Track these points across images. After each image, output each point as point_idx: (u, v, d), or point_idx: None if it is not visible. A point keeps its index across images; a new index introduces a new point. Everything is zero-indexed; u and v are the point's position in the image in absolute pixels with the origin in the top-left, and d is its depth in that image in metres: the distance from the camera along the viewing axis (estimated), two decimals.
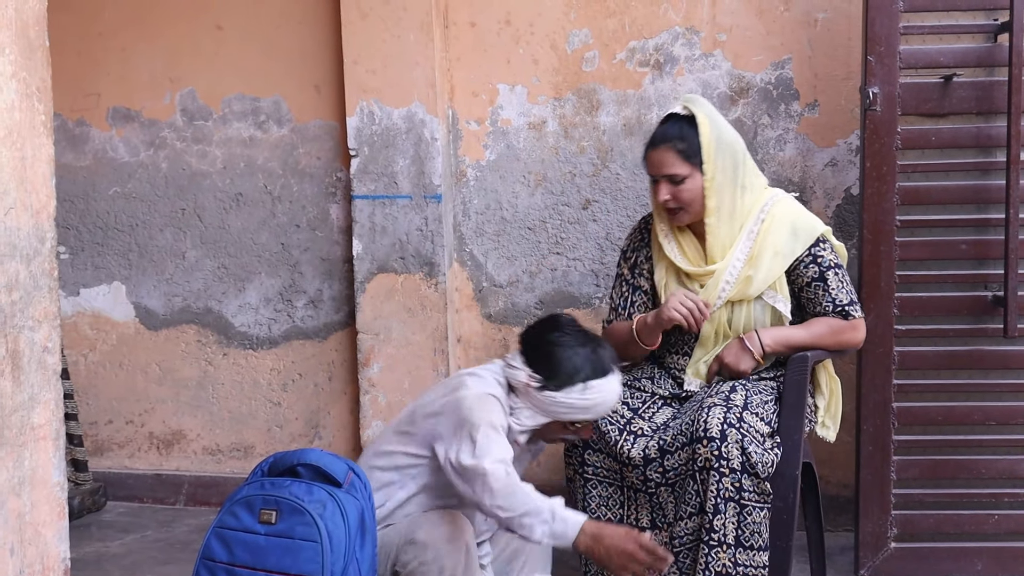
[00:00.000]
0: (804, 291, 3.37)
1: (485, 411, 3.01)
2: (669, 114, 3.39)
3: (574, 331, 3.13)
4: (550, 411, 3.08)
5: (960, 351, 3.72)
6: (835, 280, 3.36)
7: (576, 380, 3.04)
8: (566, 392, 3.05)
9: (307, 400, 4.66)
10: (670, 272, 3.44)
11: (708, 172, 3.29)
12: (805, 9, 4.12)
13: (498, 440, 2.99)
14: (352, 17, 4.30)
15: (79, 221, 4.75)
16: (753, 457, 3.08)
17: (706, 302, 3.29)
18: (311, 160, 4.55)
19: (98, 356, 4.81)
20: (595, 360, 3.07)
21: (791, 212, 3.39)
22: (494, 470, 2.91)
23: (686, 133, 3.30)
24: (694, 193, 3.31)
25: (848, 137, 4.11)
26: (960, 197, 3.71)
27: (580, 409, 3.07)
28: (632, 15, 4.24)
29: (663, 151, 3.32)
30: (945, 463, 3.74)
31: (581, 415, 3.09)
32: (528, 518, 2.90)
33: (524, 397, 3.09)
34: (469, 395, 3.04)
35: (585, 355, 3.06)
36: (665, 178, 3.32)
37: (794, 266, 3.36)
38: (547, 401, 3.06)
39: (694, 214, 3.35)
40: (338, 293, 4.57)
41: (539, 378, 3.06)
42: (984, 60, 3.67)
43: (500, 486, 2.90)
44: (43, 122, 2.15)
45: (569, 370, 3.05)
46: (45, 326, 2.15)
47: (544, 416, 3.09)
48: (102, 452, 4.84)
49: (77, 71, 4.64)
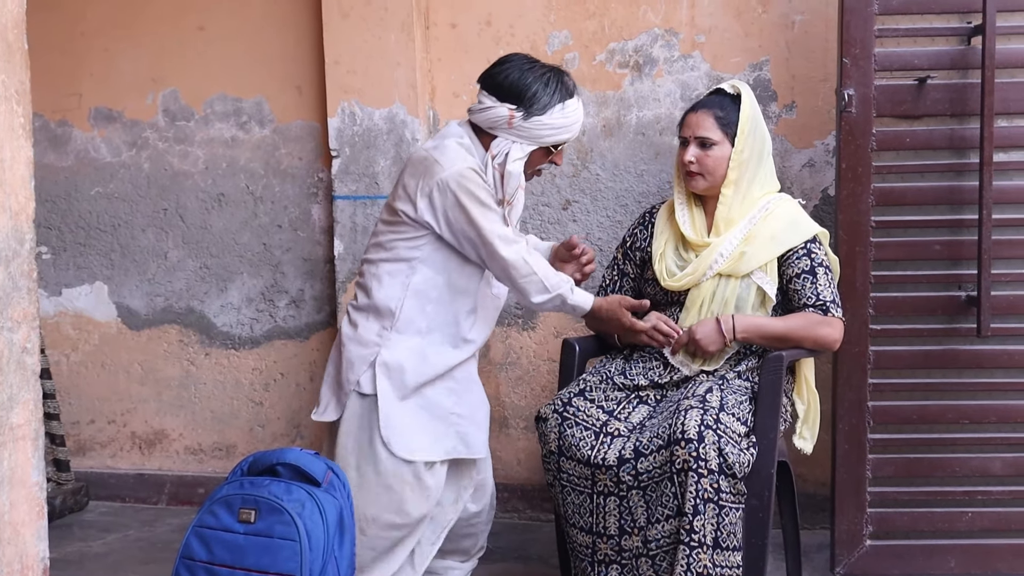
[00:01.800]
0: (792, 282, 3.43)
1: (468, 184, 3.23)
2: (716, 88, 3.59)
3: (532, 61, 3.36)
4: (536, 137, 3.32)
5: (934, 350, 3.76)
6: (823, 277, 3.42)
7: (555, 101, 3.29)
8: (549, 114, 3.29)
9: (289, 400, 4.68)
10: (669, 242, 3.56)
11: (739, 145, 3.46)
12: (782, 11, 4.15)
13: (495, 218, 3.25)
14: (333, 18, 4.32)
15: (61, 221, 4.76)
16: (730, 458, 3.11)
17: (678, 329, 3.42)
18: (293, 160, 4.57)
19: (80, 356, 4.82)
20: (562, 82, 3.33)
21: (793, 210, 3.52)
22: (513, 259, 3.25)
23: (727, 106, 3.50)
24: (718, 161, 3.47)
25: (825, 138, 4.15)
26: (934, 198, 3.75)
27: (562, 128, 3.33)
28: (611, 17, 4.27)
29: (703, 114, 3.51)
30: (920, 461, 3.78)
31: (564, 134, 3.34)
32: (544, 304, 3.34)
33: (508, 132, 3.31)
34: (447, 177, 3.23)
35: (552, 78, 3.32)
36: (697, 140, 3.49)
37: (787, 255, 3.45)
38: (535, 126, 3.30)
39: (711, 183, 3.50)
40: (320, 293, 4.59)
41: (520, 108, 3.28)
42: (958, 63, 3.71)
43: (523, 281, 3.27)
44: (22, 124, 2.16)
45: (547, 93, 3.29)
46: (24, 327, 2.17)
47: (531, 144, 3.33)
48: (84, 452, 4.85)
49: (59, 71, 4.65)
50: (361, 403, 3.30)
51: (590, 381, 3.47)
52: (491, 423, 3.50)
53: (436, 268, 3.31)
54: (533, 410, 4.26)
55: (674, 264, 3.52)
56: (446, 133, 3.39)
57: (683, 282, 3.46)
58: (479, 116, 3.33)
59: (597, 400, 3.40)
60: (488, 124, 3.32)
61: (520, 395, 4.45)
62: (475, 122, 3.36)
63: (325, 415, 3.38)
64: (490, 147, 3.32)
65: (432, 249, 3.30)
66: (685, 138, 3.53)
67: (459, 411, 3.36)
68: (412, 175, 3.29)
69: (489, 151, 3.32)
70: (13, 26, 2.12)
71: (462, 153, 3.29)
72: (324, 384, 3.43)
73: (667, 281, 3.50)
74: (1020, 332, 3.74)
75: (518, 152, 3.31)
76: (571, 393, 3.42)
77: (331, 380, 3.40)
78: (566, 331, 4.29)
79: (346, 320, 3.41)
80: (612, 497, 3.26)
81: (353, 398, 3.30)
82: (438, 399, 3.33)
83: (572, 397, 3.40)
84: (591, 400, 3.40)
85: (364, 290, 3.38)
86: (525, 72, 3.30)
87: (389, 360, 3.28)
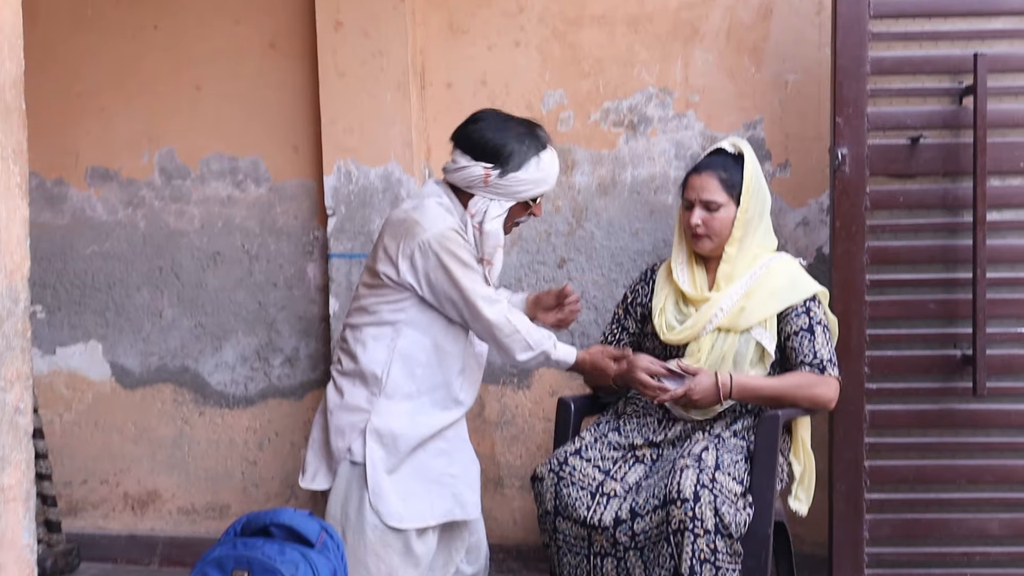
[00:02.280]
0: (790, 340, 3.42)
1: (449, 245, 3.23)
2: (717, 148, 3.58)
3: (504, 117, 3.36)
4: (514, 193, 3.31)
5: (930, 409, 3.75)
6: (821, 336, 3.42)
7: (530, 155, 3.30)
8: (525, 169, 3.29)
9: (283, 459, 4.65)
10: (670, 297, 3.56)
11: (743, 204, 3.46)
12: (775, 71, 4.19)
13: (477, 278, 3.25)
14: (330, 77, 4.35)
15: (56, 280, 4.76)
16: (726, 518, 3.09)
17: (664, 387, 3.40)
18: (288, 219, 4.57)
19: (73, 415, 4.80)
20: (535, 136, 3.33)
21: (793, 269, 3.53)
22: (496, 320, 3.25)
23: (730, 167, 3.50)
24: (724, 223, 3.47)
25: (819, 196, 4.17)
26: (928, 257, 3.76)
27: (539, 181, 3.33)
28: (606, 76, 4.30)
29: (707, 176, 3.50)
30: (917, 522, 3.75)
31: (541, 187, 3.34)
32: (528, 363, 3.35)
33: (485, 191, 3.30)
34: (429, 238, 3.22)
35: (526, 132, 3.33)
36: (702, 203, 3.48)
37: (786, 313, 3.44)
38: (512, 183, 3.29)
39: (717, 244, 3.50)
40: (315, 351, 4.57)
41: (496, 166, 3.25)
42: (950, 122, 3.73)
43: (507, 340, 3.28)
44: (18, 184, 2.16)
45: (521, 150, 3.29)
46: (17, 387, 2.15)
47: (508, 200, 3.31)
48: (76, 512, 4.81)
49: (56, 131, 4.66)
50: (351, 471, 3.27)
51: (586, 440, 3.46)
52: (486, 482, 3.49)
53: (422, 330, 3.30)
54: (528, 469, 4.24)
55: (674, 318, 3.52)
56: (425, 192, 3.38)
57: (683, 335, 3.46)
58: (455, 176, 3.32)
59: (593, 459, 3.39)
60: (464, 183, 3.31)
61: (515, 454, 4.43)
62: (451, 181, 3.36)
63: (315, 483, 3.35)
64: (468, 206, 3.31)
65: (417, 311, 3.29)
66: (690, 200, 3.52)
67: (452, 471, 3.34)
68: (392, 236, 3.29)
69: (468, 210, 3.31)
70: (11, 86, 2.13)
71: (442, 213, 3.28)
72: (310, 450, 3.40)
73: (666, 335, 3.49)
74: (1016, 391, 3.73)
75: (496, 210, 3.30)
76: (567, 452, 3.41)
77: (318, 447, 3.38)
78: (561, 390, 4.28)
79: (331, 387, 3.38)
80: (609, 558, 3.24)
81: (344, 466, 3.28)
82: (430, 462, 3.31)
83: (568, 456, 3.39)
84: (587, 459, 3.39)
85: (349, 355, 3.36)
86: (498, 130, 3.30)
87: (380, 427, 3.26)
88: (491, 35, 4.36)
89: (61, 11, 4.61)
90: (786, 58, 4.19)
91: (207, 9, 4.53)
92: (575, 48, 4.32)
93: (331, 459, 3.31)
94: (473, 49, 4.38)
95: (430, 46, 4.39)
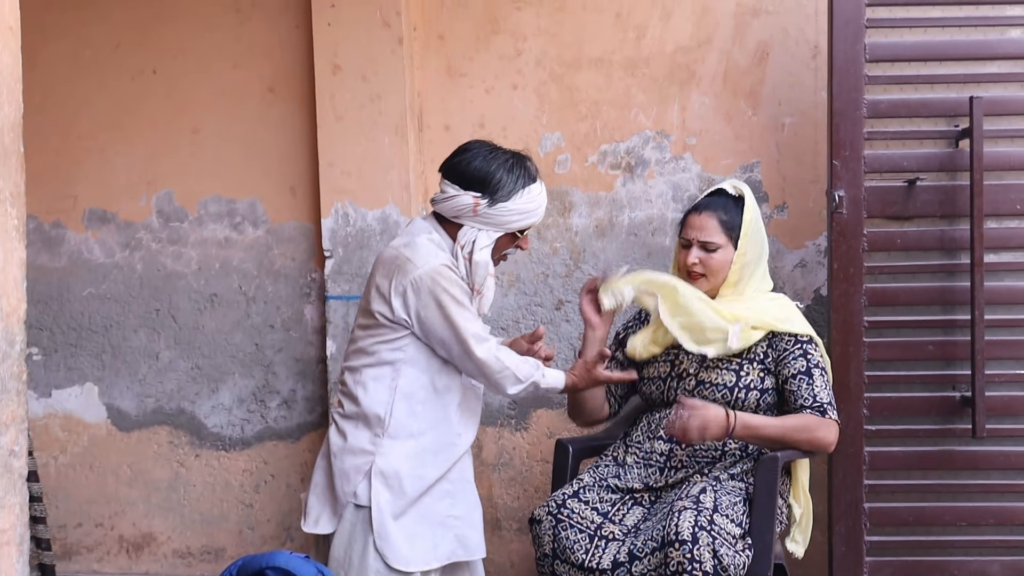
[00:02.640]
0: (788, 383, 3.40)
1: (442, 281, 3.22)
2: (718, 188, 3.56)
3: (493, 148, 3.36)
4: (502, 223, 3.30)
5: (930, 451, 3.75)
6: (820, 379, 3.39)
7: (519, 186, 3.29)
8: (514, 199, 3.28)
9: (279, 502, 4.62)
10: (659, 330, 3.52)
11: (741, 248, 3.44)
12: (772, 114, 4.21)
13: (469, 316, 3.24)
14: (328, 120, 4.36)
15: (53, 322, 4.75)
16: (725, 560, 3.07)
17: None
18: (286, 261, 4.57)
19: (68, 458, 4.77)
20: (525, 167, 3.33)
21: (790, 308, 3.51)
22: (486, 358, 3.23)
23: (731, 209, 3.48)
24: (722, 264, 3.45)
25: (817, 239, 4.17)
26: (926, 298, 3.77)
27: (528, 212, 3.32)
28: (603, 119, 4.32)
29: (707, 216, 3.48)
30: (917, 564, 3.74)
31: (529, 219, 3.34)
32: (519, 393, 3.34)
33: (473, 220, 3.29)
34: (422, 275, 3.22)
35: (515, 163, 3.32)
36: (700, 244, 3.46)
37: (783, 356, 3.41)
38: (500, 212, 3.28)
39: (713, 284, 3.48)
40: (311, 393, 4.56)
41: (485, 195, 3.26)
42: (946, 165, 3.75)
43: (497, 376, 3.27)
44: (15, 226, 2.16)
45: (511, 179, 3.28)
46: (12, 429, 2.15)
47: (497, 231, 3.31)
48: (71, 556, 4.77)
49: (54, 174, 4.66)
50: (356, 514, 3.26)
51: (584, 482, 3.44)
52: (484, 525, 3.47)
53: (420, 368, 3.29)
54: (526, 512, 4.21)
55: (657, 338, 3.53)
56: (414, 230, 3.38)
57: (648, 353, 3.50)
58: (443, 206, 3.33)
59: (591, 502, 3.37)
60: (453, 213, 3.31)
61: (513, 496, 4.41)
62: (439, 212, 3.36)
63: (319, 527, 3.33)
64: (457, 237, 3.32)
65: (415, 349, 3.29)
66: (688, 239, 3.51)
67: (456, 512, 3.33)
68: (384, 275, 3.28)
69: (457, 241, 3.31)
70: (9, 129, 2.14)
71: (433, 249, 3.29)
72: (312, 494, 3.38)
73: (639, 351, 3.53)
74: (1016, 433, 3.73)
75: (484, 240, 3.30)
76: (565, 495, 3.39)
77: (320, 491, 3.36)
78: (559, 431, 4.26)
79: (333, 430, 3.37)
80: None
81: (349, 510, 3.27)
82: (434, 504, 3.29)
83: (566, 499, 3.37)
84: (585, 502, 3.37)
85: (350, 398, 3.35)
86: (488, 159, 3.30)
87: (385, 468, 3.24)
88: (489, 78, 4.39)
89: (60, 54, 4.63)
90: (782, 101, 4.21)
91: (206, 53, 4.56)
92: (572, 91, 4.34)
93: (335, 502, 3.30)
94: (471, 92, 4.40)
95: (428, 89, 4.42)
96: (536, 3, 4.35)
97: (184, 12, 4.56)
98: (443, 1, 4.40)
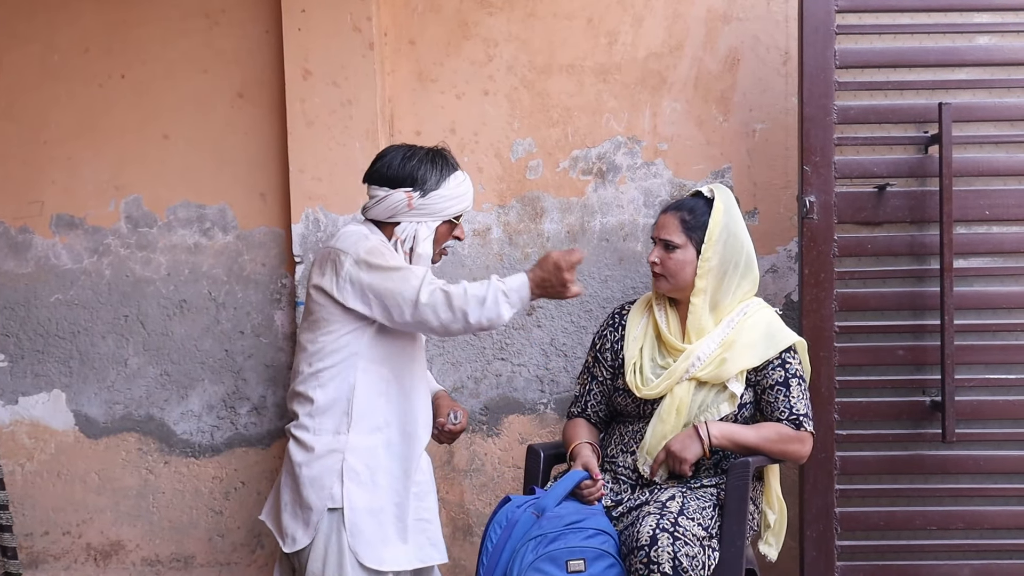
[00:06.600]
0: (766, 393, 3.41)
1: (376, 252, 3.23)
2: (695, 191, 3.56)
3: (408, 147, 3.44)
4: (439, 211, 3.36)
5: (900, 456, 3.77)
6: (797, 389, 3.40)
7: (446, 174, 3.36)
8: (445, 186, 3.35)
9: (250, 509, 4.59)
10: (645, 349, 3.52)
11: (705, 253, 3.43)
12: (743, 120, 4.22)
13: (411, 270, 3.22)
14: (298, 126, 4.34)
15: (19, 328, 4.70)
16: (684, 561, 3.06)
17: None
18: (256, 267, 4.55)
19: (35, 466, 4.72)
20: (444, 157, 3.41)
21: (769, 318, 3.48)
22: (431, 298, 3.16)
23: (698, 210, 3.48)
24: (680, 265, 3.45)
25: (788, 244, 4.19)
26: (896, 304, 3.79)
27: (460, 197, 3.39)
28: (575, 125, 4.32)
29: (669, 216, 3.50)
30: (888, 568, 3.76)
31: (462, 203, 3.40)
32: (490, 313, 3.17)
33: (409, 215, 3.34)
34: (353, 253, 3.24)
35: (435, 156, 3.39)
36: (661, 242, 3.48)
37: (762, 366, 3.41)
38: (435, 200, 3.34)
39: (675, 286, 3.48)
40: (281, 400, 4.54)
41: (416, 188, 3.31)
42: (916, 171, 3.78)
43: (445, 313, 3.17)
44: None
45: (434, 170, 3.35)
46: None
47: (434, 219, 3.36)
48: (37, 564, 4.72)
49: (22, 180, 4.62)
50: (331, 518, 3.24)
51: None
52: (455, 531, 3.47)
53: (377, 360, 3.30)
54: None
55: (651, 372, 3.48)
56: (343, 230, 3.41)
57: (658, 389, 3.43)
58: (376, 209, 3.37)
59: None
60: (388, 214, 3.35)
61: (484, 502, 4.39)
62: (373, 218, 3.40)
63: (298, 544, 3.30)
64: (396, 233, 3.35)
65: (370, 341, 3.29)
66: (653, 238, 3.54)
67: (424, 516, 3.33)
68: (320, 271, 3.31)
69: (396, 237, 3.34)
70: None
71: (362, 232, 3.33)
72: (284, 514, 3.35)
73: (643, 391, 3.46)
74: (985, 437, 3.75)
75: (425, 231, 3.35)
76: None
77: (291, 508, 3.33)
78: (531, 437, 4.26)
79: (292, 445, 3.35)
80: None
81: (324, 518, 3.24)
82: (406, 505, 3.28)
83: None
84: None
85: (308, 402, 3.33)
86: (408, 157, 3.36)
87: (355, 464, 3.24)
88: (460, 84, 4.38)
89: (28, 59, 4.59)
90: (753, 107, 4.22)
91: (175, 59, 4.53)
92: (544, 97, 4.34)
93: (310, 513, 3.26)
94: (442, 98, 4.39)
95: (399, 95, 4.41)
96: (507, 9, 4.35)
97: (153, 17, 4.53)
98: (414, 6, 4.39)
